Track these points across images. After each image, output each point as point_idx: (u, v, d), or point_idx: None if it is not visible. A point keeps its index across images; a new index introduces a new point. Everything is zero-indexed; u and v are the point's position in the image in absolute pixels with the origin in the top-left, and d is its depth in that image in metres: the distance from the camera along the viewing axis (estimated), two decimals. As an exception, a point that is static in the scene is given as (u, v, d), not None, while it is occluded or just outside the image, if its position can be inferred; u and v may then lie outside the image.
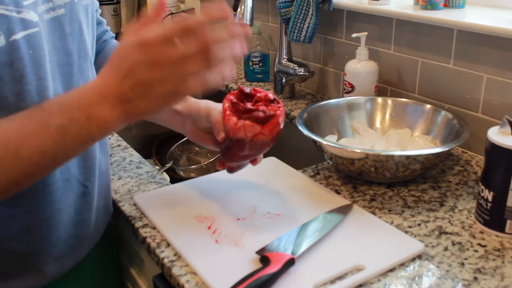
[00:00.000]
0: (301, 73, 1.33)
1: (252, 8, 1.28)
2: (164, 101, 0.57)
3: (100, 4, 2.17)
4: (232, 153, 0.76)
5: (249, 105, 0.73)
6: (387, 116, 1.09)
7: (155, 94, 0.56)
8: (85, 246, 0.82)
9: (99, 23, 0.93)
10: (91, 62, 0.78)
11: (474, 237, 0.78)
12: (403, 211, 0.84)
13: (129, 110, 0.57)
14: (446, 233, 0.79)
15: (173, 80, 0.55)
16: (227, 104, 0.74)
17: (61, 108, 0.57)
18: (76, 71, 0.73)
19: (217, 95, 1.58)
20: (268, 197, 0.87)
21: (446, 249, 0.75)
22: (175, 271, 0.70)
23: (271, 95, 0.75)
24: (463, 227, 0.80)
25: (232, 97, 0.74)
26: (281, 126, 0.73)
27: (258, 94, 0.75)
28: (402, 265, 0.71)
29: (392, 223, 0.81)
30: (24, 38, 0.61)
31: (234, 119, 0.71)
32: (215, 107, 0.81)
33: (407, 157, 0.86)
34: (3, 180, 0.56)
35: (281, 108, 0.74)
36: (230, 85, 1.55)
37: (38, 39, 0.64)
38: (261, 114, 0.71)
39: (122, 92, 0.57)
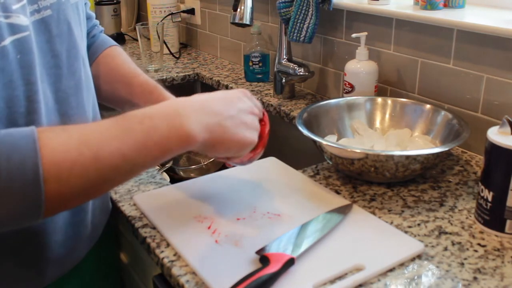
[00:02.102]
0: (301, 73, 1.33)
1: (252, 8, 1.28)
2: (237, 142, 0.67)
3: (100, 4, 2.18)
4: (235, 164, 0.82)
5: None
6: (387, 116, 1.09)
7: (238, 132, 0.67)
8: (83, 247, 0.82)
9: (88, 18, 0.91)
10: (83, 61, 0.76)
11: (473, 237, 0.78)
12: (403, 211, 0.84)
13: (213, 130, 0.64)
14: (446, 233, 0.79)
15: (254, 130, 0.70)
16: None
17: (144, 115, 0.60)
18: (66, 72, 0.71)
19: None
20: (268, 197, 0.87)
21: (445, 249, 0.75)
22: (175, 271, 0.71)
23: None
24: (462, 227, 0.80)
25: None
26: (268, 132, 0.78)
27: None
28: (402, 265, 0.71)
29: (392, 223, 0.81)
30: (11, 43, 0.60)
31: None
32: None
33: (407, 157, 0.86)
34: (82, 180, 0.55)
35: (265, 127, 0.77)
36: (230, 86, 1.55)
37: (28, 43, 0.62)
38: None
39: (220, 116, 0.65)
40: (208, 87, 1.66)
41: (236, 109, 0.67)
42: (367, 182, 0.93)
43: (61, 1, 0.70)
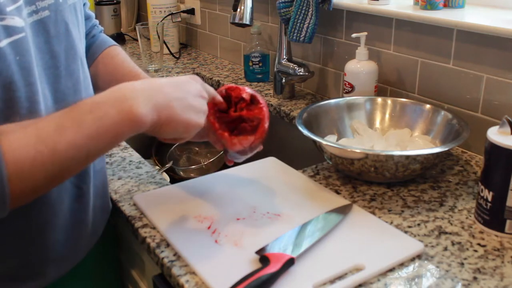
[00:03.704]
0: (301, 73, 1.33)
1: (252, 8, 1.28)
2: (184, 123, 0.67)
3: (100, 4, 2.17)
4: (235, 155, 0.82)
5: (232, 112, 0.78)
6: (387, 116, 1.09)
7: (185, 113, 0.67)
8: (83, 247, 0.82)
9: (87, 18, 0.91)
10: (81, 62, 0.77)
11: (473, 237, 0.78)
12: (402, 211, 0.84)
13: (161, 111, 0.64)
14: (446, 233, 0.79)
15: (201, 113, 0.70)
16: (212, 118, 0.77)
17: (94, 104, 0.61)
18: (64, 73, 0.72)
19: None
20: (268, 197, 0.87)
21: (445, 249, 0.75)
22: (175, 271, 0.71)
23: (246, 94, 0.79)
24: (462, 227, 0.80)
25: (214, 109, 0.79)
26: (267, 125, 0.79)
27: (234, 95, 0.79)
28: (402, 265, 0.71)
29: (391, 223, 0.81)
30: (9, 45, 0.61)
31: (226, 135, 0.77)
32: None
33: (407, 157, 0.86)
34: (42, 175, 0.58)
35: (263, 108, 0.78)
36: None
37: (25, 44, 0.63)
38: (248, 126, 0.77)
39: (168, 97, 0.66)
40: (208, 87, 1.66)
41: (184, 91, 0.68)
42: (367, 182, 0.93)
43: (59, 2, 0.70)
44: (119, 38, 2.06)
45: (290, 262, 0.68)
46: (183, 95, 0.67)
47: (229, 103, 0.79)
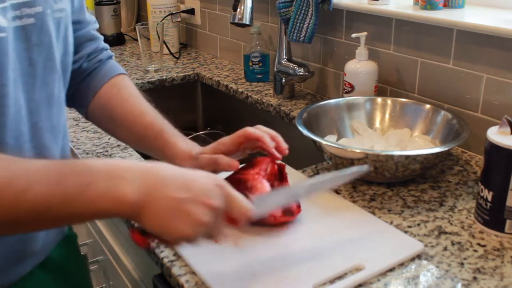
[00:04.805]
0: (301, 73, 1.33)
1: (252, 8, 1.28)
2: (168, 227, 0.58)
3: (100, 4, 2.17)
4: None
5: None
6: (387, 116, 1.09)
7: (172, 216, 0.58)
8: (29, 262, 0.78)
9: (91, 40, 0.89)
10: (59, 76, 0.75)
11: (473, 237, 0.78)
12: (402, 211, 0.84)
13: (148, 206, 0.57)
14: (446, 233, 0.79)
15: (193, 223, 0.59)
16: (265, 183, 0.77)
17: (85, 169, 0.57)
18: (39, 82, 0.70)
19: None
20: (267, 197, 0.87)
21: (445, 249, 0.75)
22: (175, 271, 0.71)
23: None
24: (462, 227, 0.80)
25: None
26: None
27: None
28: (402, 265, 0.71)
29: (391, 223, 0.81)
30: None
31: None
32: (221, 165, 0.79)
33: (407, 157, 0.86)
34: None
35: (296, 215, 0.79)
36: (230, 85, 1.55)
37: (4, 44, 0.62)
38: (280, 219, 0.77)
39: (161, 193, 0.58)
40: (208, 87, 1.66)
41: (187, 192, 0.59)
42: (367, 182, 0.93)
43: (47, 12, 0.69)
44: (119, 38, 2.06)
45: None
46: (181, 196, 0.58)
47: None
